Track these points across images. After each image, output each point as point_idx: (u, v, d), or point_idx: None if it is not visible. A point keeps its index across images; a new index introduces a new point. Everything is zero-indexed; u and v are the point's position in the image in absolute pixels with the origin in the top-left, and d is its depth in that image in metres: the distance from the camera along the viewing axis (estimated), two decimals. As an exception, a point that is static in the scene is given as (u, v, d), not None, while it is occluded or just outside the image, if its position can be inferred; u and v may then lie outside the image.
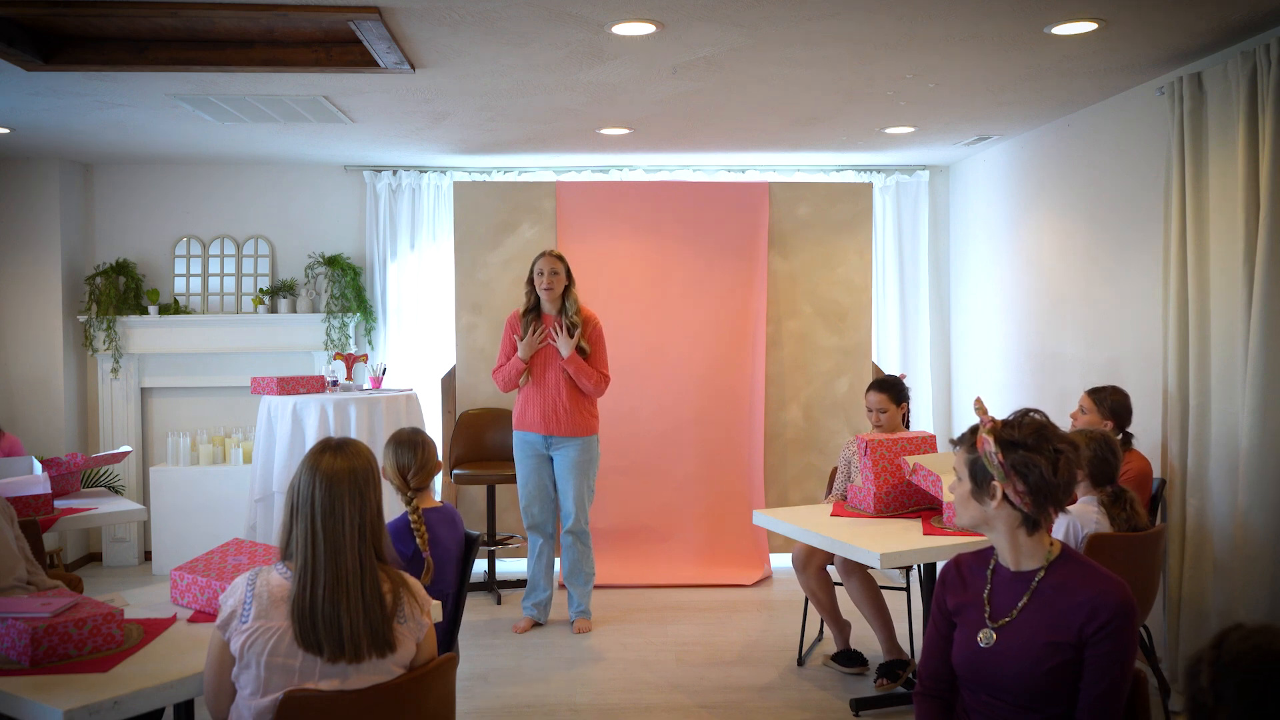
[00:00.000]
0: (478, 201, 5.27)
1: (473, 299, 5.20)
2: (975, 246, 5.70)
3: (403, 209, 5.86)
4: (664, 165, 5.86)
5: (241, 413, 5.69)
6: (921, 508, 3.29)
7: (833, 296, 5.36)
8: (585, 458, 4.07)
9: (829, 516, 3.29)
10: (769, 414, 5.28)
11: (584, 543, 4.14)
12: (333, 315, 5.67)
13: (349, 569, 1.80)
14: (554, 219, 5.25)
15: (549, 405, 4.04)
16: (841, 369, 5.34)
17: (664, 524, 5.18)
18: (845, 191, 5.43)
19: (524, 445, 4.11)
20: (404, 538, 2.66)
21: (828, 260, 5.36)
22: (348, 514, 1.82)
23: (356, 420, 4.61)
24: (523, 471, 4.13)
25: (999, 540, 1.83)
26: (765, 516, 3.35)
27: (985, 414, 1.83)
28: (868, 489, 3.26)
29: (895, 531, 3.03)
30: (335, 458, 1.86)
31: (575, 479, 4.07)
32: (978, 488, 1.82)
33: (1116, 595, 1.69)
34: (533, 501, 4.13)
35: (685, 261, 5.28)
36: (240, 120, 4.51)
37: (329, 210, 5.88)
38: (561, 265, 4.08)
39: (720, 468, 5.23)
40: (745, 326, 5.30)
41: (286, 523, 1.85)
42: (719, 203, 5.32)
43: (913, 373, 5.90)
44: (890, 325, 5.99)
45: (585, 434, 4.06)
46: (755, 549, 5.16)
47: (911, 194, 5.98)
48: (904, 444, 3.32)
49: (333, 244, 5.84)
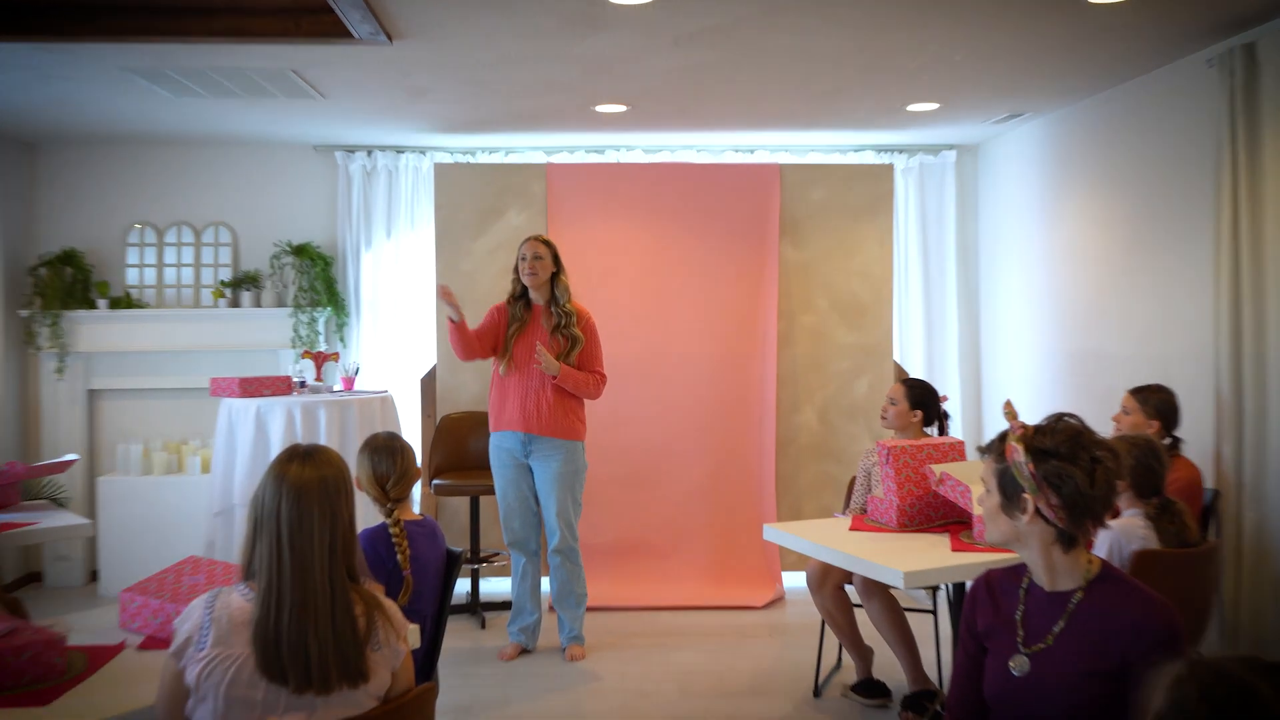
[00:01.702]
0: (460, 185, 5.27)
1: (455, 290, 5.16)
2: (1007, 234, 5.70)
3: (378, 193, 5.85)
4: (665, 145, 5.85)
5: (200, 417, 5.69)
6: (949, 521, 3.29)
7: (850, 289, 5.36)
8: (569, 468, 4.04)
9: (847, 531, 3.28)
10: (781, 418, 5.28)
11: (573, 561, 4.13)
12: (301, 310, 5.67)
13: (318, 590, 1.80)
14: (544, 204, 5.25)
15: (530, 399, 4.00)
16: (860, 369, 5.34)
17: (665, 540, 5.18)
18: (864, 174, 5.43)
19: (501, 451, 4.09)
20: (380, 551, 2.66)
21: (845, 249, 5.37)
22: (317, 529, 1.82)
23: (327, 425, 4.61)
24: (500, 481, 4.12)
25: (1032, 558, 1.83)
26: (777, 531, 3.35)
27: (1015, 419, 1.83)
28: (890, 500, 3.26)
29: (920, 548, 3.03)
30: (303, 467, 1.86)
31: (559, 492, 4.04)
32: (1008, 501, 1.82)
33: (1162, 618, 1.68)
34: (512, 515, 4.12)
35: (688, 251, 5.28)
36: (200, 96, 4.50)
37: (297, 195, 5.88)
38: (547, 250, 4.08)
39: (727, 478, 5.24)
40: (754, 322, 5.30)
41: (249, 539, 1.85)
42: (725, 186, 5.32)
43: (939, 373, 5.90)
44: (914, 320, 5.99)
45: (569, 437, 4.03)
46: (766, 567, 5.16)
47: (937, 176, 5.97)
48: (929, 451, 3.32)
49: (301, 231, 5.83)
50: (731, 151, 5.90)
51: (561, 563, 4.11)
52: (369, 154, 5.82)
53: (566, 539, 4.08)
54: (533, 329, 4.07)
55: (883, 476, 3.30)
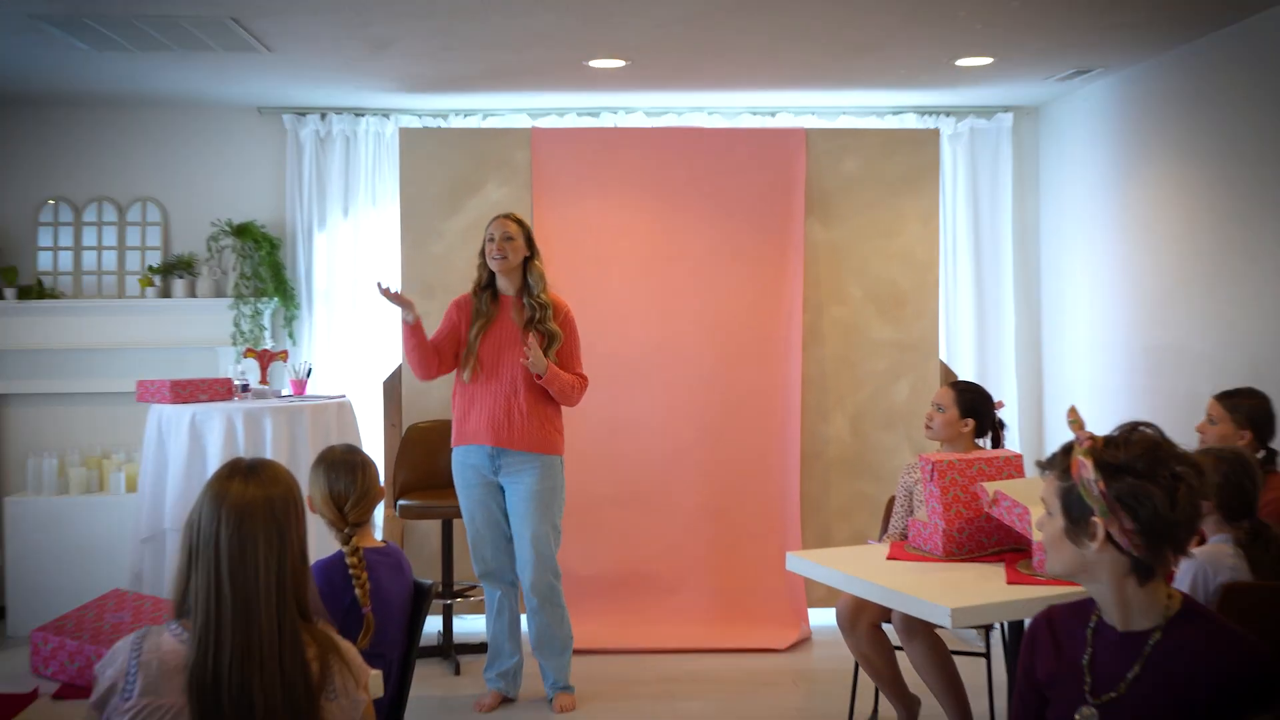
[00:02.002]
0: (430, 154, 5.27)
1: (424, 278, 5.21)
2: (1073, 211, 5.70)
3: (333, 163, 5.85)
4: (670, 107, 5.85)
5: (125, 427, 5.69)
6: (1004, 549, 3.29)
7: (889, 276, 5.36)
8: (546, 485, 4.01)
9: (884, 560, 3.28)
10: (807, 428, 5.28)
11: (554, 602, 4.08)
12: (243, 300, 5.66)
13: (263, 630, 1.80)
14: (528, 176, 5.26)
15: (500, 407, 3.98)
16: (900, 369, 5.34)
17: (669, 570, 5.18)
18: (905, 141, 5.43)
19: (466, 469, 4.08)
20: (335, 585, 2.66)
21: (883, 229, 5.37)
22: (262, 558, 1.82)
23: (274, 436, 4.60)
24: (467, 502, 4.10)
25: (1102, 592, 1.83)
26: (802, 560, 3.35)
27: (1082, 428, 1.83)
28: (934, 524, 3.26)
29: (971, 580, 3.03)
30: (246, 485, 1.86)
31: (534, 517, 3.99)
32: (1073, 525, 1.82)
33: (1255, 663, 1.69)
34: (482, 541, 4.10)
35: (697, 232, 5.28)
36: (124, 50, 4.50)
37: (238, 165, 5.87)
38: (520, 230, 4.07)
39: (742, 497, 5.24)
40: (775, 315, 5.30)
41: (183, 569, 1.85)
42: (741, 155, 5.32)
43: (993, 374, 5.90)
44: (962, 312, 5.98)
45: (545, 450, 4.01)
46: (789, 603, 5.16)
47: (990, 144, 5.97)
48: (981, 467, 3.32)
49: (243, 209, 5.83)
50: (748, 114, 5.89)
51: (540, 605, 4.05)
52: (323, 117, 5.81)
53: (544, 575, 4.02)
54: (501, 325, 4.04)
55: (926, 496, 3.30)
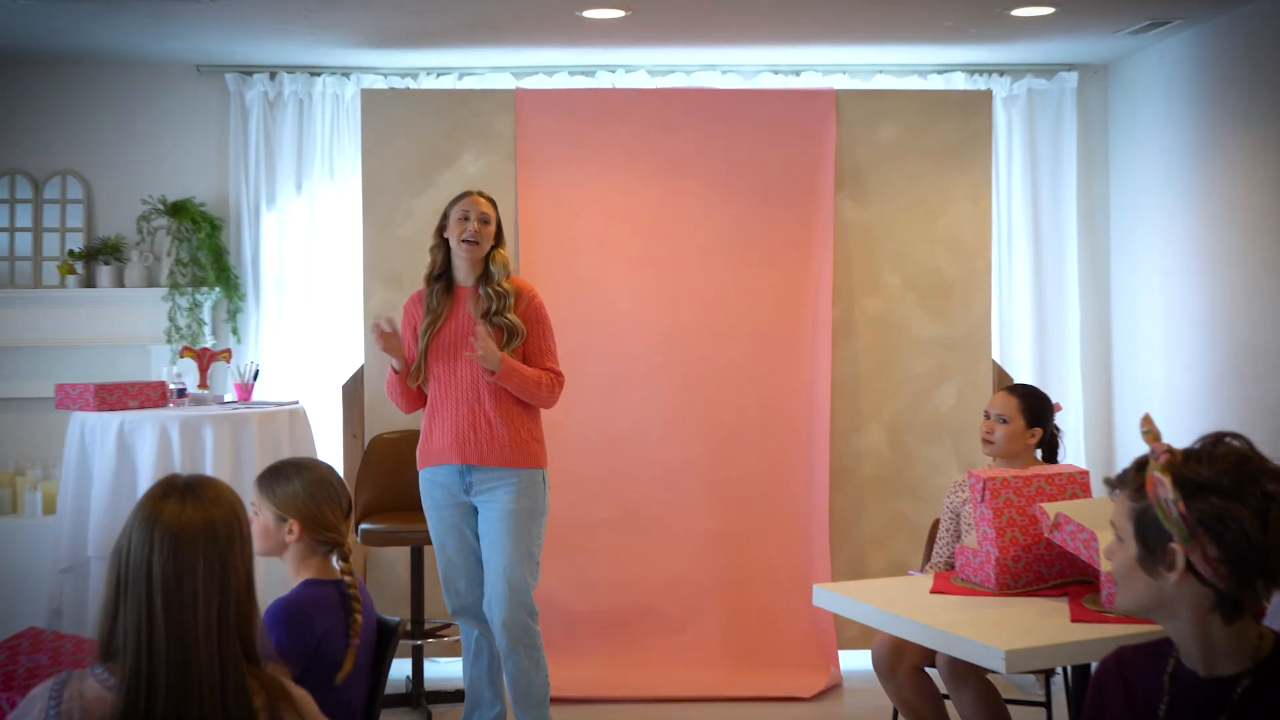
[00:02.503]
0: (397, 119, 5.26)
1: (389, 265, 5.20)
2: (1147, 187, 5.70)
3: (285, 131, 5.84)
4: (677, 65, 5.84)
5: (41, 438, 5.69)
6: (1067, 581, 3.28)
7: (933, 262, 5.35)
8: (523, 505, 3.95)
9: (928, 593, 3.28)
10: (836, 440, 5.27)
11: (530, 644, 3.99)
12: (179, 291, 5.66)
13: (203, 674, 1.80)
14: (512, 145, 5.25)
15: (464, 418, 3.95)
16: (946, 370, 5.34)
17: (676, 606, 5.17)
18: (952, 104, 5.43)
19: (434, 488, 4.04)
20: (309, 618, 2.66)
21: (926, 207, 5.36)
22: (202, 591, 1.82)
23: (215, 448, 4.60)
24: (437, 527, 4.07)
25: (1181, 631, 1.83)
26: (831, 594, 3.34)
27: (1158, 440, 1.83)
28: (987, 552, 3.26)
29: (1028, 617, 3.02)
30: (183, 506, 1.86)
31: (507, 541, 3.92)
32: (1148, 553, 1.81)
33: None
34: (455, 572, 4.06)
35: (708, 212, 5.27)
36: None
37: (174, 133, 5.87)
38: (494, 213, 4.05)
39: (761, 521, 5.23)
40: (799, 309, 5.29)
41: (109, 604, 1.85)
42: (760, 122, 5.31)
43: (1055, 376, 5.89)
44: (1019, 304, 5.97)
45: (523, 464, 3.97)
46: (816, 643, 5.16)
47: (1051, 107, 5.96)
48: (1041, 485, 3.32)
49: (179, 184, 5.83)
50: (769, 74, 5.89)
51: (513, 647, 3.96)
52: (272, 77, 5.81)
53: (518, 613, 3.93)
54: (455, 321, 4.00)
55: (976, 519, 3.30)
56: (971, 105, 5.41)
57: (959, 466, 5.20)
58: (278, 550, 2.79)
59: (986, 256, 5.39)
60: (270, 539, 2.75)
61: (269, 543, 2.76)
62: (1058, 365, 5.95)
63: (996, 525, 3.23)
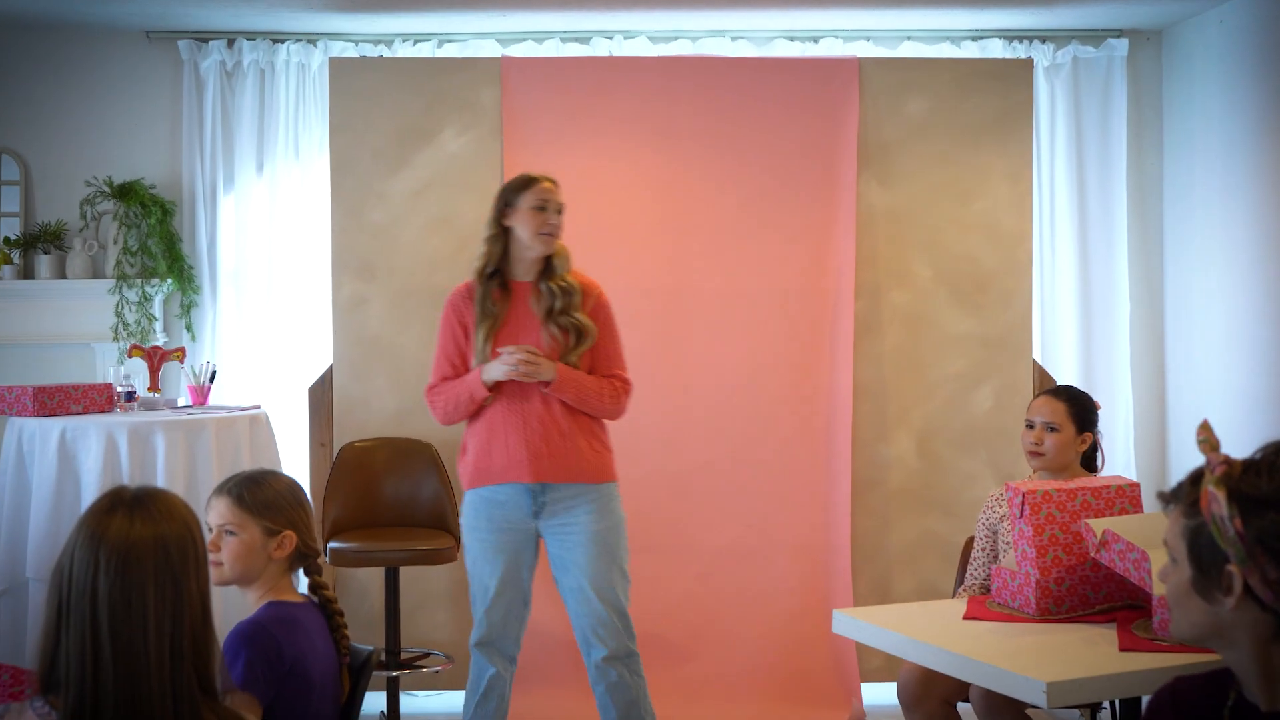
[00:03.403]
0: (370, 92, 5.26)
1: (361, 255, 5.20)
2: (1205, 166, 5.69)
3: (244, 105, 5.84)
4: (681, 31, 5.84)
5: (-26, 447, 5.70)
6: (1115, 605, 3.28)
7: (968, 251, 5.35)
8: (606, 523, 3.94)
9: (960, 619, 3.29)
10: (859, 448, 5.27)
11: (634, 670, 4.02)
12: (127, 282, 5.66)
13: (155, 709, 1.80)
14: (497, 120, 5.25)
15: (534, 432, 3.90)
16: (983, 371, 5.34)
17: (682, 632, 5.17)
18: (988, 74, 5.42)
19: (492, 507, 3.96)
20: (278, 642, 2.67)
21: (959, 190, 5.36)
22: (153, 615, 1.82)
23: (167, 457, 4.60)
24: (484, 550, 3.98)
25: (1241, 661, 1.83)
26: (853, 620, 3.34)
27: (1216, 450, 1.83)
28: (1026, 573, 3.26)
29: (1072, 645, 3.02)
30: (131, 521, 1.86)
31: (599, 564, 3.91)
32: (1203, 575, 1.81)
33: None
34: (492, 601, 3.98)
35: (718, 194, 5.27)
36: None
37: (121, 107, 5.87)
38: (562, 202, 4.03)
39: (776, 538, 5.23)
40: (819, 303, 5.29)
41: (50, 630, 1.85)
42: (774, 94, 5.30)
43: (1102, 378, 5.89)
44: (1062, 297, 5.97)
45: (598, 478, 3.95)
46: (836, 674, 5.16)
47: (1099, 78, 5.96)
48: (1087, 498, 3.32)
49: (127, 164, 5.83)
50: (784, 40, 5.88)
51: (621, 676, 3.97)
52: (230, 44, 5.81)
53: (620, 637, 3.96)
54: (517, 322, 3.96)
55: (1015, 537, 3.30)
56: (1010, 76, 5.40)
57: (995, 479, 5.19)
58: (257, 572, 2.78)
59: (1027, 245, 5.38)
60: (253, 559, 2.74)
61: (250, 564, 2.74)
62: (1106, 365, 5.95)
63: (1037, 544, 3.23)
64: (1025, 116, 5.39)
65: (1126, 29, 5.92)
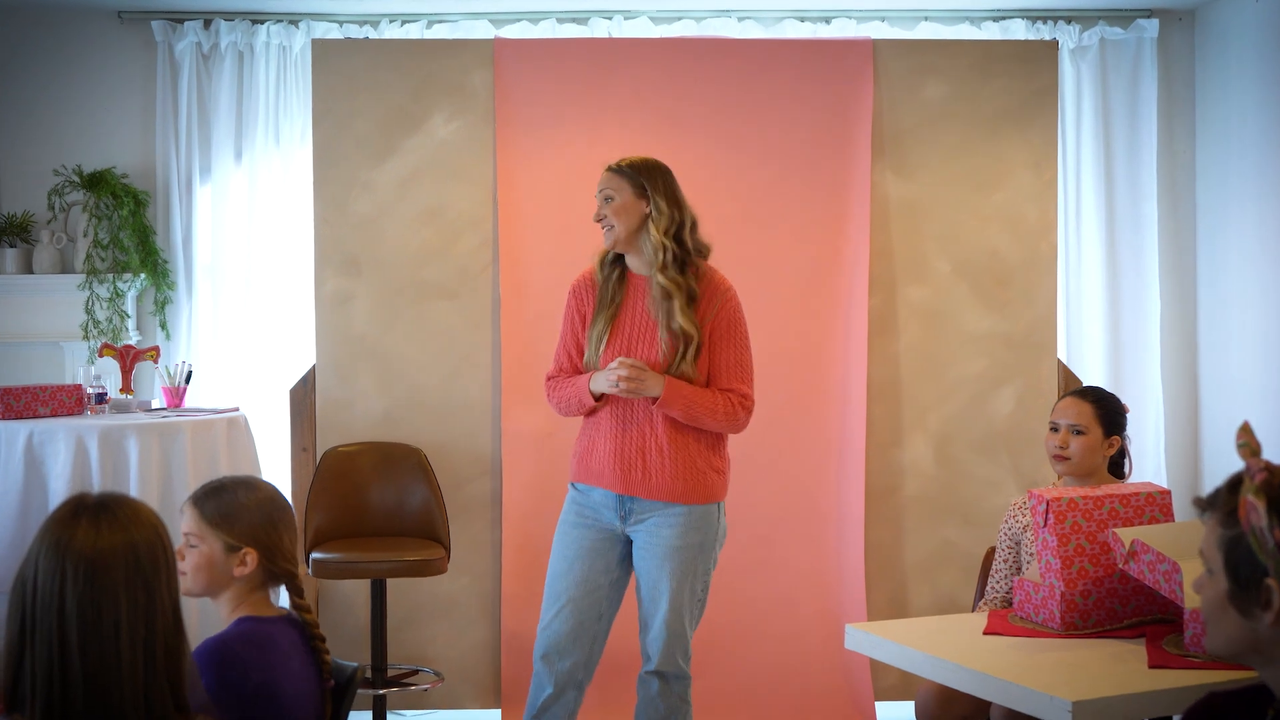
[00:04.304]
0: (355, 75, 5.26)
1: (345, 249, 5.20)
2: (1242, 152, 5.69)
3: (221, 90, 5.84)
4: (684, 10, 5.83)
5: (-64, 452, 5.70)
6: (1145, 619, 3.28)
7: (988, 244, 5.35)
8: (692, 540, 3.88)
9: (981, 634, 3.28)
10: (873, 453, 5.27)
11: (682, 694, 3.96)
12: (98, 277, 5.66)
13: (124, 726, 1.80)
14: (490, 105, 5.25)
15: (630, 443, 3.88)
16: (1005, 372, 5.33)
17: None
18: (1011, 57, 5.42)
19: (585, 508, 3.97)
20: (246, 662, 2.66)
21: (979, 179, 5.35)
22: (125, 625, 1.82)
23: (140, 463, 4.60)
24: (564, 546, 3.96)
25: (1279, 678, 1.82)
26: (867, 635, 3.34)
27: (1256, 455, 1.82)
28: (1050, 585, 3.25)
29: (1098, 662, 3.02)
30: (98, 528, 1.86)
31: (670, 582, 3.87)
32: (1241, 588, 1.81)
33: None
34: (568, 606, 3.93)
35: (723, 184, 5.27)
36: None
37: (91, 93, 5.87)
38: (625, 184, 3.88)
39: (785, 549, 5.24)
40: (831, 299, 5.30)
41: (14, 645, 1.85)
42: (784, 77, 5.31)
43: (1130, 378, 5.89)
44: (1089, 293, 5.97)
45: (697, 499, 3.88)
46: (849, 693, 5.16)
47: (1128, 61, 5.95)
48: (1114, 506, 3.31)
49: (98, 152, 5.83)
50: (794, 21, 5.88)
51: (661, 692, 3.93)
52: (207, 25, 5.80)
53: (673, 657, 3.91)
54: (632, 318, 3.92)
55: (1039, 547, 3.30)
56: (1034, 58, 5.40)
57: (1018, 486, 5.20)
58: (221, 587, 2.75)
59: (1051, 238, 5.39)
60: (215, 573, 2.71)
61: (212, 577, 2.71)
62: (1135, 365, 5.95)
63: (1062, 554, 3.22)
64: (1050, 102, 5.38)
65: (1157, 8, 5.92)
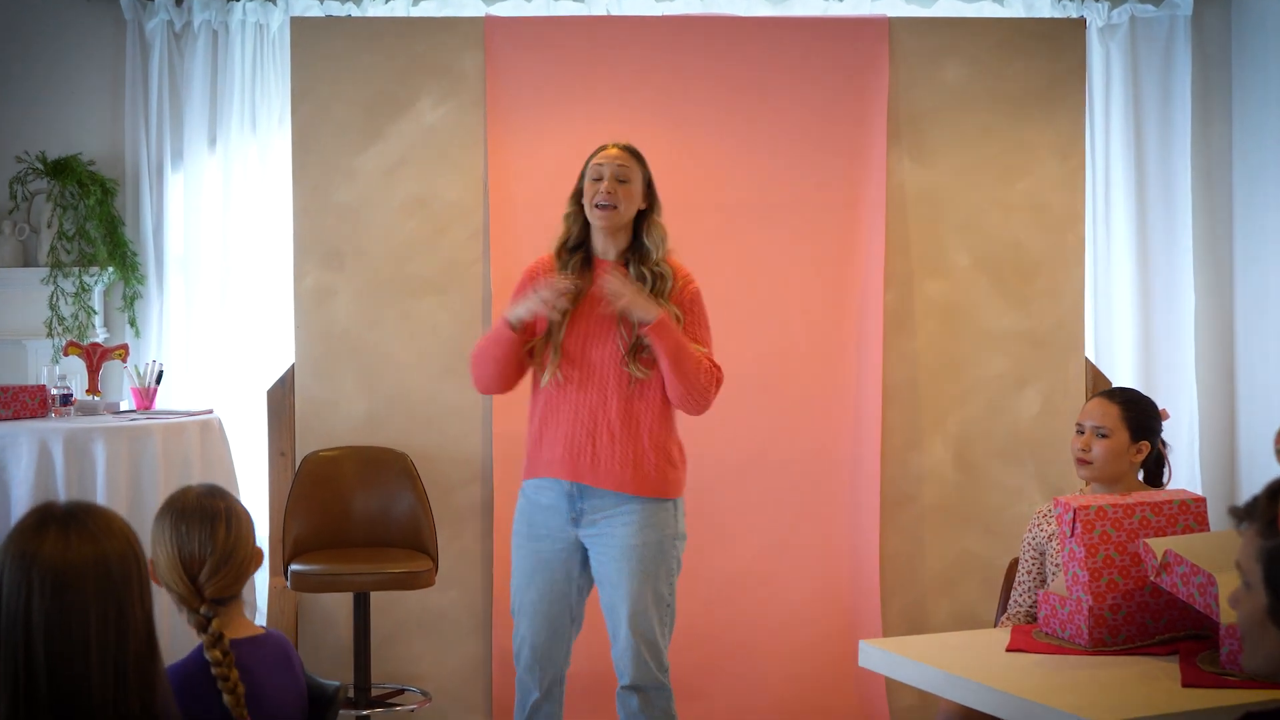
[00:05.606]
0: (336, 56, 5.26)
1: (326, 241, 5.20)
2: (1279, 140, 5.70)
3: (195, 72, 5.83)
4: (690, -14, 5.84)
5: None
6: (1178, 635, 3.28)
7: (1012, 235, 5.35)
8: (649, 538, 3.91)
9: (1004, 651, 3.29)
10: (889, 458, 5.27)
11: (659, 704, 3.97)
12: (63, 271, 5.66)
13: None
14: (480, 88, 5.25)
15: (581, 427, 3.91)
16: (1030, 372, 5.33)
17: (690, 664, 5.16)
18: (1035, 37, 5.42)
19: (536, 511, 3.99)
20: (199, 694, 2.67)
21: (1002, 166, 5.36)
22: (95, 641, 1.83)
23: (108, 469, 4.61)
24: (524, 561, 4.00)
25: (1323, 698, 1.84)
26: (882, 652, 3.35)
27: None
28: (1078, 599, 3.26)
29: (1129, 681, 3.02)
30: (66, 539, 1.87)
31: (631, 583, 3.88)
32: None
33: None
34: (534, 621, 3.99)
35: (728, 169, 5.27)
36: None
37: (56, 74, 5.86)
38: (639, 169, 3.99)
39: (795, 560, 5.23)
40: (844, 293, 5.30)
41: (-23, 661, 1.86)
42: (794, 58, 5.30)
43: (1163, 378, 5.88)
44: (1119, 289, 5.96)
45: (647, 492, 3.93)
46: (863, 713, 5.17)
47: (1160, 41, 5.95)
48: (1146, 514, 3.32)
49: (63, 138, 5.82)
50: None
51: (642, 707, 3.95)
52: (179, 3, 5.79)
53: (646, 667, 3.92)
54: (592, 305, 3.95)
55: (1065, 558, 3.30)
56: (1060, 38, 5.40)
57: (1043, 493, 5.20)
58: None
59: (1079, 229, 5.39)
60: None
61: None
62: (1167, 365, 5.94)
63: (1090, 566, 3.23)
64: (1077, 84, 5.38)
65: (1190, -14, 5.93)
